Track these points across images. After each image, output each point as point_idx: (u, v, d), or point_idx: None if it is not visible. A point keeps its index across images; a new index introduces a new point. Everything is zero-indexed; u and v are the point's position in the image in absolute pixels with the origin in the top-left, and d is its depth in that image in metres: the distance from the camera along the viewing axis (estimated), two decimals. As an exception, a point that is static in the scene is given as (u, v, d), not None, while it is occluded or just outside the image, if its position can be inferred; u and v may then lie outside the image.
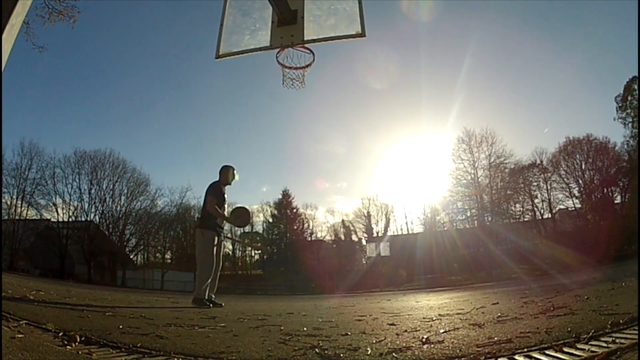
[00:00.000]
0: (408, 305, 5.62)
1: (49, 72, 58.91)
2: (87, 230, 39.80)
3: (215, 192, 6.12)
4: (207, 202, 6.07)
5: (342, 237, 53.91)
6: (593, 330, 1.90)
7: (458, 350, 1.77)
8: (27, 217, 38.85)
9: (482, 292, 8.27)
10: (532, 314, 2.80)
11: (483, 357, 1.67)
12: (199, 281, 5.79)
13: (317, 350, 1.91)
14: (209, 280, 5.79)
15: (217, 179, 6.28)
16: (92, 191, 41.36)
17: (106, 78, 65.12)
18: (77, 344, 1.97)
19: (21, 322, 2.35)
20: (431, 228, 46.29)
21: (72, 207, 40.77)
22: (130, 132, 67.05)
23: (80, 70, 63.01)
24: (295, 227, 53.90)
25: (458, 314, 3.38)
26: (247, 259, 56.72)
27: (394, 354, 1.78)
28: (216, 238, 6.00)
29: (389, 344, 2.00)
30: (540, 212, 41.71)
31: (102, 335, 2.18)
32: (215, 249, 5.95)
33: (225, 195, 6.28)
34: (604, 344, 1.71)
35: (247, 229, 54.17)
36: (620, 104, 38.45)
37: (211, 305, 5.61)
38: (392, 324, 2.81)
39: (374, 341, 2.09)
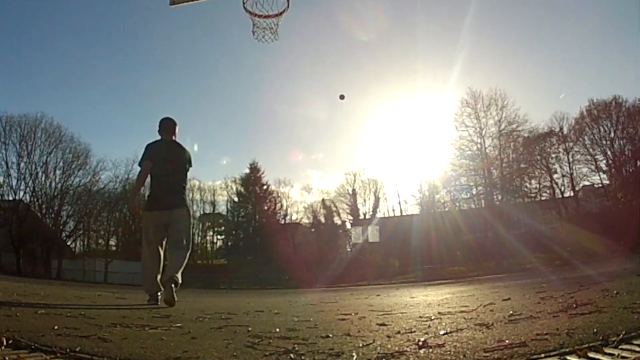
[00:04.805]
0: (402, 301, 5.71)
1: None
2: (16, 211, 39.30)
3: (145, 154, 5.69)
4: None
5: (323, 220, 54.30)
6: (624, 332, 1.92)
7: (462, 356, 1.78)
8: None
9: (491, 286, 8.44)
10: (551, 312, 2.85)
11: (492, 364, 1.68)
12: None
13: (291, 355, 1.91)
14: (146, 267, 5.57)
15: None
16: (21, 165, 40.81)
17: (37, 30, 63.22)
18: (3, 348, 1.96)
19: None
20: (429, 209, 46.88)
21: (-4, 184, 40.11)
22: (66, 94, 65.68)
23: (4, 23, 60.76)
24: (265, 208, 54.05)
25: (461, 312, 3.43)
26: (208, 245, 56.67)
27: (384, 359, 1.78)
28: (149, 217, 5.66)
29: (379, 347, 2.01)
30: (560, 190, 42.41)
31: (34, 337, 2.16)
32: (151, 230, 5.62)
33: (165, 153, 5.73)
34: (637, 348, 1.73)
35: (208, 209, 54.11)
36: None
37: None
38: (383, 324, 2.84)
39: (361, 345, 2.10)
